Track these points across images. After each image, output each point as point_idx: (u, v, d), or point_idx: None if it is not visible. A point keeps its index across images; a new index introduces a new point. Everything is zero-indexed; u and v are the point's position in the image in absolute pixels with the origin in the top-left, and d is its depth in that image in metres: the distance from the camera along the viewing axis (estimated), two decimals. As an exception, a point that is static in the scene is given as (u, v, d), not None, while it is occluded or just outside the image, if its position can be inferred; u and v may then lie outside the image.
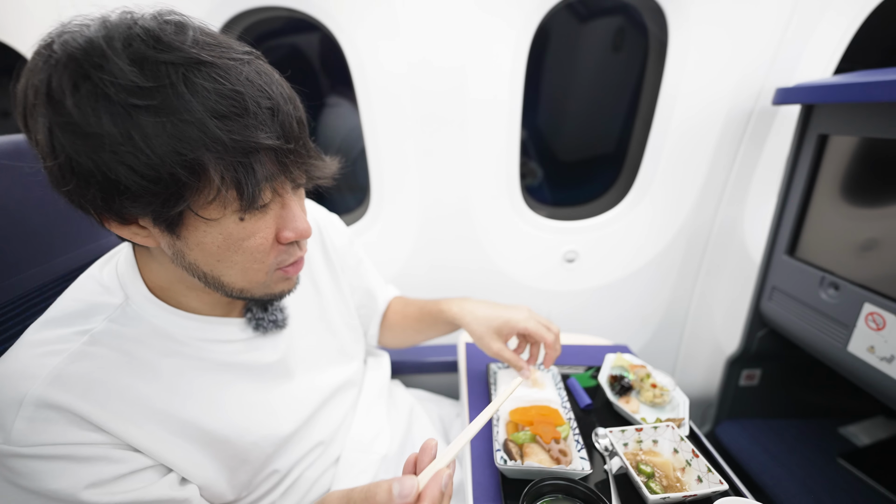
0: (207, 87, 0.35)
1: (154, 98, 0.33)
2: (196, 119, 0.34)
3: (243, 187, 0.38)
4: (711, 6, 1.04)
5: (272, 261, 0.45)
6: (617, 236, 1.34)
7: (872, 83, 0.75)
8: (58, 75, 0.34)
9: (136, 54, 0.34)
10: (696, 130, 1.16)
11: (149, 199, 0.36)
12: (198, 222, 0.40)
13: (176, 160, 0.34)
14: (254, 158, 0.37)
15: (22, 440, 0.37)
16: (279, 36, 1.21)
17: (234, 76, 0.36)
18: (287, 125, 0.39)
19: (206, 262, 0.43)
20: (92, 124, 0.33)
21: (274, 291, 0.49)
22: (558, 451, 0.61)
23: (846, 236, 0.87)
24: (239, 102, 0.36)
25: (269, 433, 0.54)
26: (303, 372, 0.63)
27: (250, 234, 0.42)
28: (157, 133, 0.34)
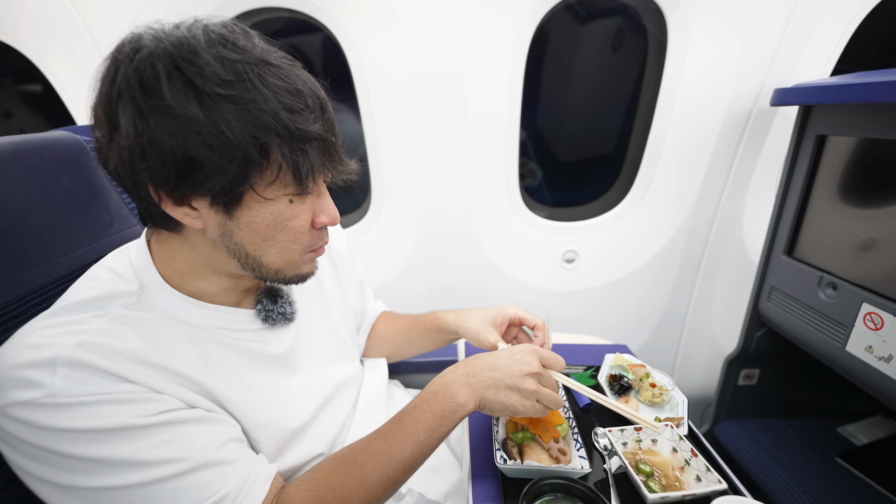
0: (277, 84, 0.41)
1: (234, 89, 0.39)
2: (270, 109, 0.40)
3: (300, 171, 0.44)
4: (710, 7, 1.04)
5: (307, 243, 0.51)
6: (616, 237, 1.34)
7: (870, 84, 0.75)
8: (152, 65, 0.38)
9: (218, 53, 0.40)
10: (694, 131, 1.17)
11: (220, 177, 0.41)
12: (253, 202, 0.44)
13: (250, 142, 0.40)
14: (309, 146, 0.44)
15: (65, 392, 0.39)
16: (280, 37, 1.21)
17: (294, 76, 0.44)
18: (330, 121, 0.46)
19: (251, 241, 0.47)
20: (182, 108, 0.38)
21: (302, 272, 0.54)
22: (558, 450, 0.62)
23: (844, 236, 0.88)
24: (301, 98, 0.43)
25: (278, 419, 0.56)
26: (307, 367, 0.64)
27: (295, 215, 0.48)
28: (237, 119, 0.39)
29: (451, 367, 0.59)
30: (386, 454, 0.52)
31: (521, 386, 0.55)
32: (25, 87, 1.28)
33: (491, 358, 0.59)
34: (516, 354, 0.59)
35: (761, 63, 1.07)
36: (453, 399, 0.55)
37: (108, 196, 0.69)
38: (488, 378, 0.56)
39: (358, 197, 1.40)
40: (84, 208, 0.64)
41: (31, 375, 0.39)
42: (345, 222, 1.37)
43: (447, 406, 0.54)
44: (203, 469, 0.44)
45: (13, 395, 0.38)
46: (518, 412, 0.56)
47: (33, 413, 0.38)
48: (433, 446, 0.54)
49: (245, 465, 0.48)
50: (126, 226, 0.72)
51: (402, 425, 0.54)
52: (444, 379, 0.58)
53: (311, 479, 0.52)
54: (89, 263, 0.64)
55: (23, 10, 0.99)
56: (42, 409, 0.39)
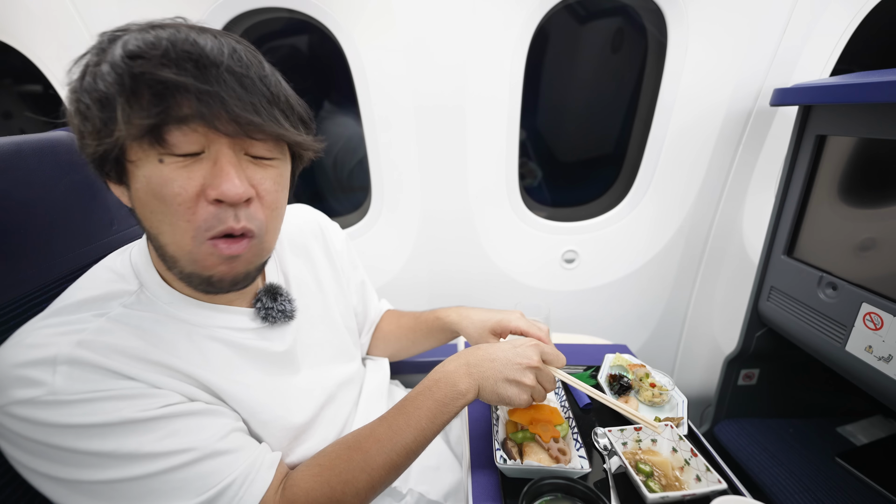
0: (136, 37, 0.39)
1: (95, 56, 0.40)
2: (111, 60, 0.39)
3: (142, 123, 0.39)
4: (710, 7, 1.04)
5: (199, 222, 0.42)
6: (616, 237, 1.34)
7: (870, 84, 0.75)
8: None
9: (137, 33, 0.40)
10: (694, 131, 1.17)
11: (88, 141, 0.41)
12: (129, 166, 0.42)
13: (94, 98, 0.39)
14: (159, 96, 0.38)
15: (66, 389, 0.39)
16: (280, 38, 1.21)
17: (162, 34, 0.40)
18: (217, 76, 0.40)
19: (144, 215, 0.44)
20: (73, 74, 0.42)
21: (204, 272, 0.45)
22: (557, 450, 0.62)
23: (844, 237, 0.88)
24: (155, 46, 0.38)
25: (281, 416, 0.56)
26: (308, 366, 0.64)
27: (168, 180, 0.41)
28: (93, 75, 0.40)
29: (452, 357, 0.61)
30: (389, 439, 0.53)
31: (519, 379, 0.57)
32: (25, 87, 1.28)
33: (492, 349, 0.60)
34: (517, 348, 0.59)
35: (761, 63, 1.07)
36: (455, 387, 0.56)
37: (108, 196, 0.69)
38: (488, 369, 0.57)
39: (358, 197, 1.40)
40: (84, 208, 0.64)
41: (32, 374, 0.39)
42: (345, 222, 1.37)
43: (448, 393, 0.56)
44: (209, 458, 0.45)
45: (14, 394, 0.38)
46: (513, 404, 0.57)
47: (35, 411, 0.39)
48: (434, 432, 0.56)
49: (250, 453, 0.49)
50: (126, 226, 0.72)
51: (404, 412, 0.56)
52: (445, 368, 0.59)
53: (317, 464, 0.53)
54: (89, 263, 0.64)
55: (23, 10, 0.99)
56: (44, 407, 0.39)
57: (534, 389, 0.58)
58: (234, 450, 0.47)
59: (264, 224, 0.47)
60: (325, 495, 0.50)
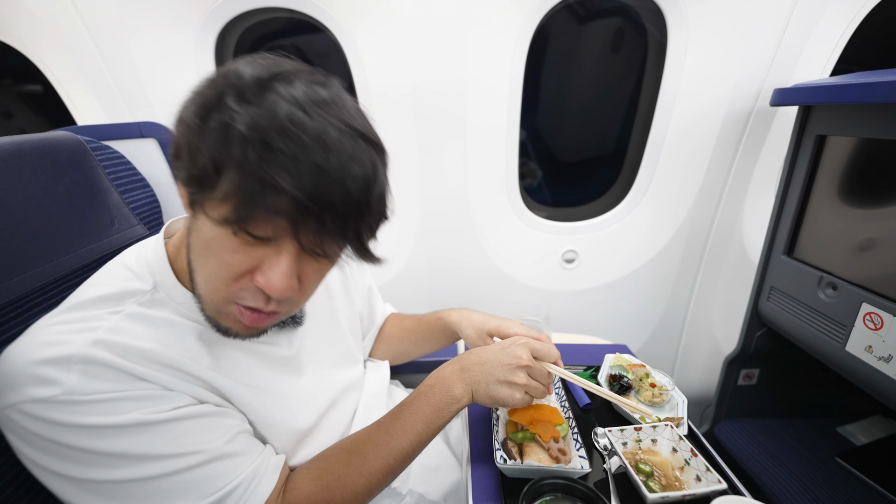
0: (288, 129, 0.36)
1: (243, 106, 0.36)
2: (258, 142, 0.35)
3: (240, 206, 0.37)
4: (710, 7, 1.04)
5: (234, 288, 0.43)
6: (616, 237, 1.34)
7: (870, 84, 0.75)
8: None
9: (267, 84, 0.38)
10: (694, 131, 1.17)
11: (185, 172, 0.40)
12: (203, 214, 0.41)
13: (213, 157, 0.37)
14: (268, 192, 0.36)
15: (81, 389, 0.40)
16: (280, 38, 1.21)
17: (309, 129, 0.36)
18: (323, 192, 0.37)
19: (194, 250, 0.44)
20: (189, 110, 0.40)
21: (220, 321, 0.47)
22: (557, 450, 0.62)
23: (844, 237, 0.88)
24: (289, 143, 0.36)
25: (286, 420, 0.56)
26: (312, 370, 0.64)
27: (231, 251, 0.41)
28: (218, 124, 0.37)
29: (447, 363, 0.62)
30: (386, 444, 0.54)
31: (511, 379, 0.57)
32: (25, 87, 1.28)
33: (483, 352, 0.61)
34: (507, 348, 0.60)
35: (761, 63, 1.07)
36: (449, 392, 0.57)
37: (109, 196, 0.69)
38: (479, 372, 0.59)
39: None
40: (84, 208, 0.64)
41: (47, 372, 0.39)
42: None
43: (443, 399, 0.57)
44: (217, 461, 0.46)
45: (30, 392, 0.39)
46: (508, 404, 0.58)
47: (50, 410, 0.39)
48: (430, 437, 0.57)
49: (255, 457, 0.50)
50: (126, 226, 0.72)
51: (401, 417, 0.57)
52: (440, 373, 0.60)
53: (317, 468, 0.54)
54: (90, 263, 0.64)
55: (23, 10, 0.99)
56: (59, 406, 0.39)
57: (527, 387, 0.58)
58: (241, 453, 0.48)
59: (295, 304, 0.48)
60: (324, 499, 0.51)
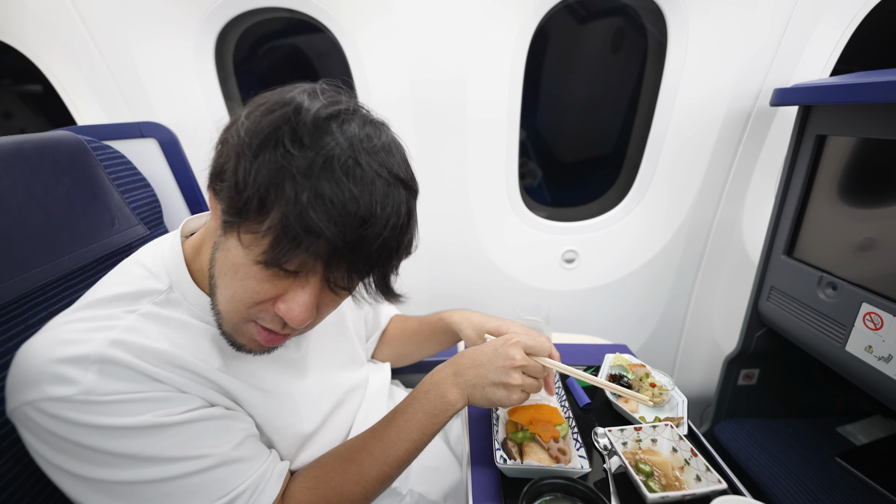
0: (335, 175, 0.37)
1: (299, 150, 0.38)
2: (297, 183, 0.37)
3: (279, 245, 0.38)
4: (710, 7, 1.04)
5: (255, 310, 0.45)
6: (616, 236, 1.34)
7: (870, 84, 0.75)
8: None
9: (326, 124, 0.39)
10: (694, 131, 1.17)
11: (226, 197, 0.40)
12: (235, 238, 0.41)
13: (261, 193, 0.38)
14: (308, 238, 0.38)
15: (98, 389, 0.40)
16: (280, 38, 1.21)
17: (359, 186, 0.38)
18: (362, 241, 0.39)
19: (220, 267, 0.45)
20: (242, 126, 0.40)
21: (236, 338, 0.48)
22: (557, 449, 0.62)
23: (844, 237, 0.88)
24: (337, 200, 0.37)
25: (292, 422, 0.57)
26: (318, 372, 0.64)
27: (258, 280, 0.42)
28: (267, 167, 0.38)
29: (440, 366, 0.61)
30: (382, 452, 0.55)
31: (506, 381, 0.57)
32: (25, 87, 1.28)
33: (476, 355, 0.60)
34: (499, 349, 0.60)
35: (761, 63, 1.07)
36: (444, 398, 0.57)
37: (109, 196, 0.69)
38: (474, 376, 0.58)
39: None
40: (85, 208, 0.64)
41: (66, 371, 0.40)
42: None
43: (438, 405, 0.57)
44: (224, 465, 0.46)
45: (48, 391, 0.39)
46: (505, 405, 0.58)
47: (67, 409, 0.39)
48: (426, 442, 0.57)
49: (261, 463, 0.50)
50: (127, 225, 0.72)
51: (395, 424, 0.57)
52: (434, 378, 0.60)
53: (313, 476, 0.54)
54: (90, 263, 0.64)
55: (23, 10, 0.99)
56: (76, 406, 0.39)
57: (523, 386, 0.58)
58: (248, 458, 0.49)
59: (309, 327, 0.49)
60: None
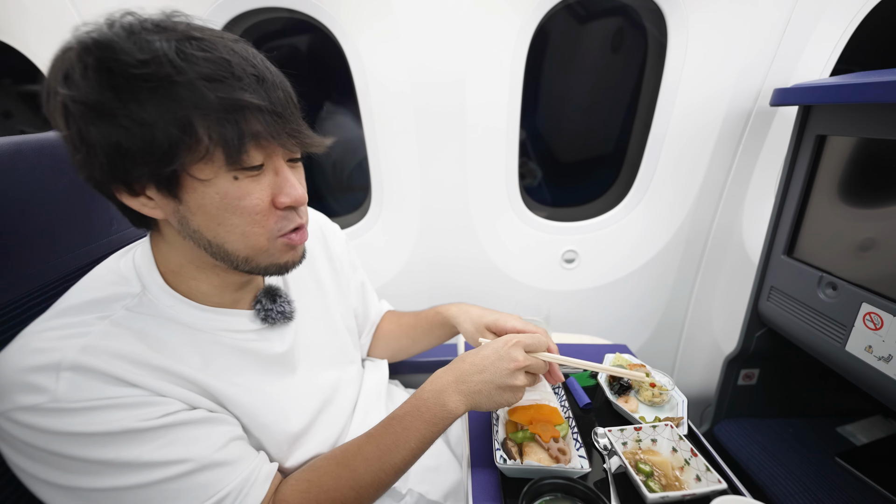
0: (197, 55, 0.39)
1: (149, 67, 0.38)
2: (186, 80, 0.38)
3: (228, 143, 0.41)
4: (710, 8, 1.04)
5: (272, 226, 0.47)
6: (616, 236, 1.34)
7: (870, 84, 0.75)
8: (69, 58, 0.39)
9: (138, 37, 0.38)
10: (694, 131, 1.17)
11: (146, 160, 0.40)
12: (195, 184, 0.42)
13: (168, 119, 0.38)
14: (238, 116, 0.40)
15: (69, 397, 0.39)
16: (280, 38, 1.21)
17: (222, 47, 0.41)
18: (272, 92, 0.43)
19: (208, 227, 0.45)
20: (94, 94, 0.38)
21: (280, 261, 0.51)
22: (557, 449, 0.62)
23: (844, 237, 0.88)
24: (225, 67, 0.40)
25: (278, 420, 0.56)
26: (306, 368, 0.64)
27: (245, 193, 0.44)
28: (152, 97, 0.38)
29: (440, 372, 0.60)
30: (378, 459, 0.53)
31: (512, 383, 0.57)
32: (25, 87, 1.28)
33: (478, 360, 0.59)
34: (500, 351, 0.59)
35: (761, 63, 1.07)
36: (444, 407, 0.56)
37: (108, 196, 0.69)
38: (478, 382, 0.57)
39: (358, 197, 1.40)
40: (84, 208, 0.64)
41: (36, 380, 0.39)
42: (345, 222, 1.37)
43: (437, 414, 0.56)
44: (206, 470, 0.45)
45: (18, 400, 0.38)
46: (511, 405, 0.59)
47: (38, 418, 0.39)
48: (424, 450, 0.56)
49: (247, 465, 0.49)
50: (126, 226, 0.72)
51: (392, 431, 0.55)
52: (434, 385, 0.58)
53: (306, 479, 0.53)
54: (90, 263, 0.64)
55: (23, 10, 0.99)
56: (47, 414, 0.39)
57: (527, 385, 0.59)
58: (231, 461, 0.47)
59: (305, 210, 0.53)
60: None
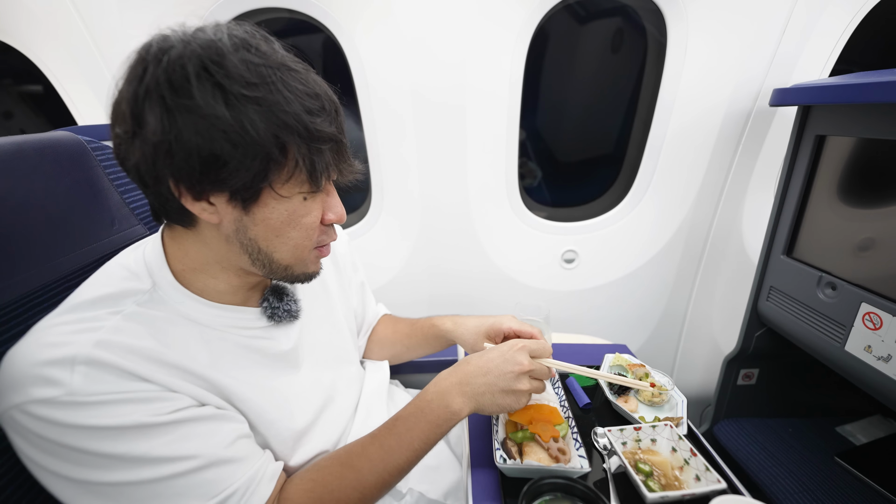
0: (298, 87, 0.44)
1: (259, 91, 0.41)
2: (292, 111, 0.43)
3: (315, 169, 0.46)
4: (710, 7, 1.04)
5: (315, 239, 0.52)
6: (616, 237, 1.34)
7: (869, 84, 0.75)
8: (182, 66, 0.40)
9: (242, 57, 0.42)
10: (694, 131, 1.17)
11: (242, 174, 0.43)
12: (270, 199, 0.46)
13: (272, 141, 0.42)
14: (324, 146, 0.46)
15: (84, 390, 0.40)
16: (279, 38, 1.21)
17: (312, 80, 0.46)
18: (341, 123, 0.49)
19: (265, 237, 0.48)
20: (209, 107, 0.40)
21: (308, 270, 0.55)
22: (557, 449, 0.62)
23: (843, 237, 0.88)
24: (319, 101, 0.45)
25: (283, 417, 0.57)
26: (309, 366, 0.64)
27: (308, 212, 0.49)
28: (261, 119, 0.41)
29: (445, 373, 0.61)
30: (381, 460, 0.54)
31: (516, 387, 0.58)
32: (25, 87, 1.28)
33: (483, 362, 0.60)
34: (506, 354, 0.60)
35: (761, 63, 1.07)
36: (448, 408, 0.57)
37: (109, 196, 0.69)
38: (482, 384, 0.58)
39: (358, 197, 1.40)
40: (85, 208, 0.64)
41: (51, 373, 0.39)
42: (345, 223, 1.37)
43: (441, 415, 0.56)
44: (214, 466, 0.46)
45: (33, 393, 0.39)
46: (514, 409, 0.59)
47: (53, 411, 0.39)
48: (427, 451, 0.57)
49: (253, 463, 0.50)
50: (127, 226, 0.72)
51: (396, 432, 0.56)
52: (438, 387, 0.59)
53: (310, 479, 0.54)
54: (90, 263, 0.64)
55: (23, 10, 0.99)
56: (61, 407, 0.39)
57: (531, 390, 0.59)
58: (239, 458, 0.48)
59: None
60: None
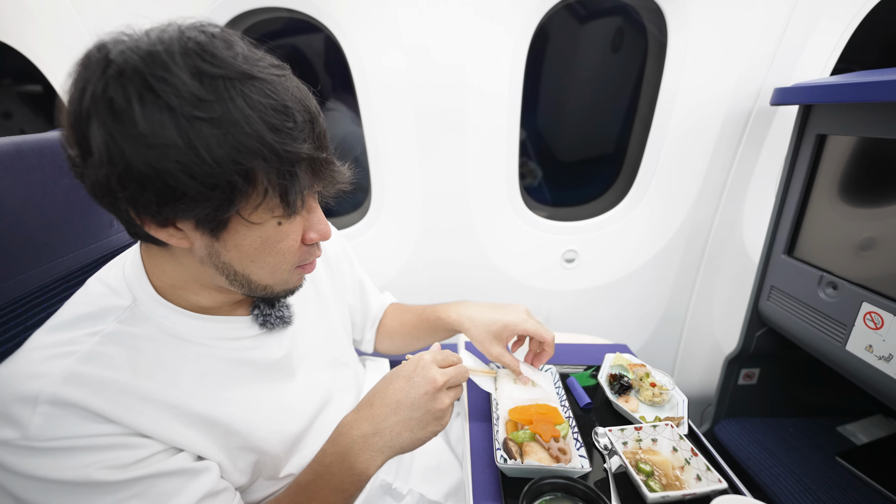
0: (262, 102, 0.37)
1: (214, 111, 0.36)
2: (254, 131, 0.37)
3: (288, 194, 0.41)
4: (710, 7, 1.04)
5: (296, 260, 0.49)
6: (616, 236, 1.34)
7: (870, 83, 0.75)
8: (121, 86, 0.34)
9: (195, 68, 0.35)
10: (695, 130, 1.17)
11: (204, 204, 0.38)
12: (240, 226, 0.42)
13: (233, 168, 0.37)
14: (298, 168, 0.41)
15: (40, 435, 0.38)
16: (280, 37, 1.21)
17: (282, 91, 0.39)
18: (320, 137, 0.43)
19: (240, 262, 0.45)
20: (158, 135, 0.35)
21: (290, 286, 0.52)
22: (558, 449, 0.62)
23: (844, 236, 0.88)
24: (289, 116, 0.39)
25: (278, 428, 0.55)
26: (304, 372, 0.63)
27: (284, 236, 0.45)
28: (219, 144, 0.36)
29: (345, 423, 0.52)
30: None
31: (435, 409, 0.52)
32: (25, 87, 1.28)
33: (389, 399, 0.52)
34: (413, 377, 0.53)
35: (761, 63, 1.07)
36: (352, 470, 0.49)
37: (108, 196, 0.69)
38: (395, 424, 0.50)
39: (358, 197, 1.40)
40: (83, 209, 0.64)
41: (14, 412, 0.38)
42: (345, 222, 1.37)
43: (346, 479, 0.49)
44: None
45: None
46: (438, 432, 0.53)
47: (7, 454, 0.38)
48: None
49: None
50: (126, 226, 0.72)
51: (298, 503, 0.51)
52: (336, 446, 0.51)
53: None
54: (88, 264, 0.64)
55: (22, 10, 0.99)
56: (15, 451, 0.38)
57: (452, 401, 0.54)
58: None
59: None
60: None
